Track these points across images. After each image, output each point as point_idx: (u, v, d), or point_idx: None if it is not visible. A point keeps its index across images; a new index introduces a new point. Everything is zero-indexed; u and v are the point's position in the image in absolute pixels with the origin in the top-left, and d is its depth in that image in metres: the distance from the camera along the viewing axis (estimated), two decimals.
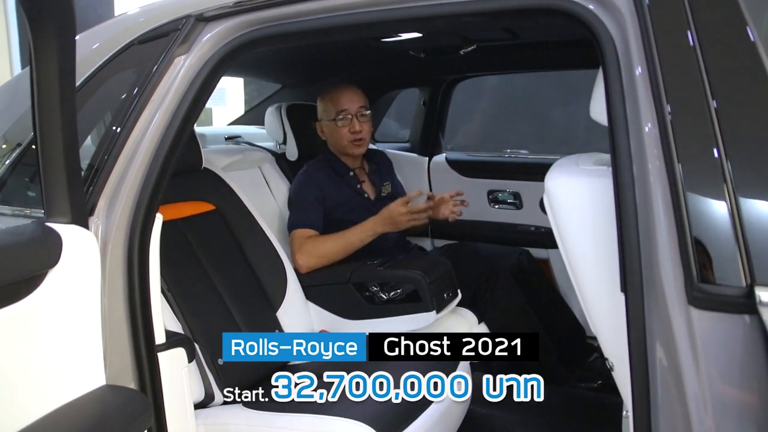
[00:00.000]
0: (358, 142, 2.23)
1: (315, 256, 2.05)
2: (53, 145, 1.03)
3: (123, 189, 1.27)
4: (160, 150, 1.29)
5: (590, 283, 1.09)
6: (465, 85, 3.00)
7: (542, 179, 2.76)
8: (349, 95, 2.23)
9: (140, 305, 1.27)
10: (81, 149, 1.33)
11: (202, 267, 1.77)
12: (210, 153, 2.11)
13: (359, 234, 2.10)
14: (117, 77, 1.39)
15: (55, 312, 1.01)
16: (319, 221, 2.16)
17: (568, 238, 1.10)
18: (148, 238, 1.28)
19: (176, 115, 1.31)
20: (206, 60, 1.30)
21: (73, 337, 1.06)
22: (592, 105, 1.17)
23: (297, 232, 2.12)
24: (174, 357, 1.35)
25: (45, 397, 1.00)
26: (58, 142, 1.01)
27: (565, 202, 1.09)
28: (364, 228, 2.10)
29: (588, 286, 1.09)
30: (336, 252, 2.09)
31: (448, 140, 3.11)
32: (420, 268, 1.96)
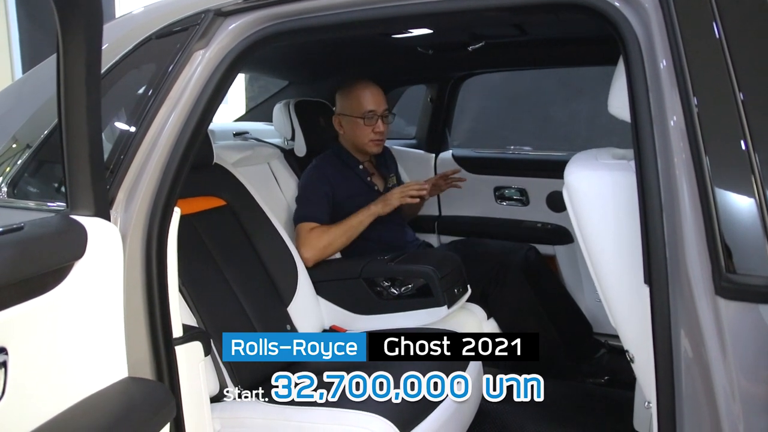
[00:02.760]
0: (378, 142, 2.27)
1: (318, 247, 2.06)
2: (78, 136, 1.03)
3: (142, 182, 1.27)
4: (179, 143, 1.30)
5: (612, 276, 1.09)
6: (468, 82, 3.00)
7: (548, 176, 2.77)
8: (376, 96, 2.26)
9: (158, 298, 1.27)
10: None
11: (214, 262, 1.77)
12: (220, 148, 2.11)
13: (357, 216, 2.14)
14: (135, 72, 1.39)
15: (81, 304, 1.01)
16: (323, 215, 2.17)
17: (589, 232, 1.11)
18: (166, 231, 1.28)
19: (195, 109, 1.31)
20: (225, 54, 1.30)
21: (98, 330, 1.06)
22: (610, 100, 1.17)
23: (301, 225, 2.13)
24: (191, 350, 1.35)
25: (70, 388, 1.00)
26: (83, 134, 1.01)
27: (587, 195, 1.10)
28: (360, 210, 2.14)
29: (609, 278, 1.10)
30: (338, 238, 2.11)
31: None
32: (431, 263, 1.97)
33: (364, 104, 2.24)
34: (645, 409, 1.14)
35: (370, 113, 2.23)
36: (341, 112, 2.31)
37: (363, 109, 2.23)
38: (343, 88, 2.32)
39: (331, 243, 2.10)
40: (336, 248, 2.13)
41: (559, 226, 2.71)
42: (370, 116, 2.23)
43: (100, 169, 1.08)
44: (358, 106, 2.25)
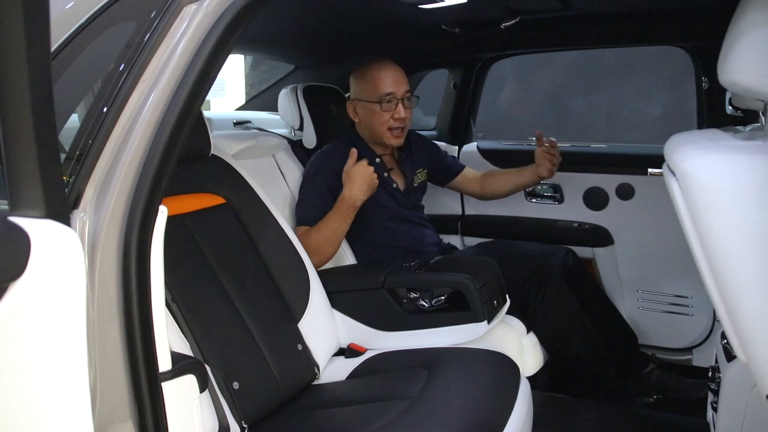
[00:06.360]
0: (398, 132, 1.99)
1: (310, 253, 1.77)
2: (20, 116, 0.74)
3: (117, 174, 0.99)
4: (164, 124, 1.01)
5: (745, 288, 0.81)
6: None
7: (585, 170, 2.49)
8: (396, 77, 1.97)
9: (139, 322, 1.00)
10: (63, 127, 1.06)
11: (211, 271, 1.51)
12: (218, 138, 1.83)
13: (337, 214, 1.84)
14: (109, 32, 1.10)
15: (20, 342, 0.72)
16: (322, 216, 1.89)
17: (716, 233, 0.82)
18: (149, 236, 1.00)
19: (185, 79, 1.02)
20: (225, 8, 1.02)
21: (47, 376, 0.77)
22: (729, 65, 0.89)
23: (296, 230, 1.86)
24: (182, 387, 1.08)
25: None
26: (24, 104, 0.72)
27: (717, 186, 0.81)
28: (341, 206, 1.84)
29: (743, 298, 0.82)
30: (325, 242, 1.83)
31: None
32: (467, 271, 1.69)
33: (381, 87, 1.96)
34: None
35: (389, 96, 1.95)
36: (356, 97, 2.04)
37: (380, 93, 1.95)
38: (357, 69, 2.05)
39: (317, 249, 1.81)
40: (328, 254, 1.85)
41: (597, 226, 2.44)
42: (388, 100, 1.95)
43: (52, 155, 0.79)
44: (375, 89, 1.97)
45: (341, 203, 1.84)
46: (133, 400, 1.00)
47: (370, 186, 1.84)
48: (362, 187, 1.83)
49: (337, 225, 1.84)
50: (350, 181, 1.83)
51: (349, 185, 1.83)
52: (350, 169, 1.85)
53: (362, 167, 1.84)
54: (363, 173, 1.83)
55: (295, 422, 1.42)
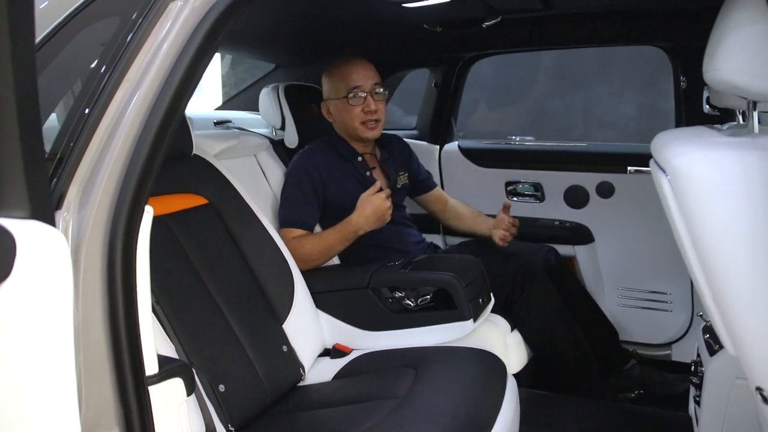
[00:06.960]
0: (371, 124, 1.97)
1: (299, 260, 1.76)
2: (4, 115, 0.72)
3: (101, 174, 0.97)
4: (149, 124, 0.99)
5: (739, 289, 0.82)
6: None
7: (566, 169, 2.51)
8: (362, 70, 1.96)
9: (125, 325, 0.97)
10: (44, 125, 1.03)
11: (195, 272, 1.48)
12: (200, 138, 1.80)
13: (338, 235, 1.85)
14: (91, 30, 1.08)
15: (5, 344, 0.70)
16: (310, 218, 1.90)
17: (706, 227, 0.83)
18: (135, 237, 0.98)
19: (170, 78, 1.00)
20: (212, 5, 1.00)
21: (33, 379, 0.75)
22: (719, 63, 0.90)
23: (282, 232, 1.84)
24: (169, 390, 1.05)
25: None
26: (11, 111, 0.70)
27: (710, 184, 0.82)
28: (344, 229, 1.84)
29: (735, 292, 0.83)
30: (317, 256, 1.85)
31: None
32: (452, 270, 1.69)
33: (348, 81, 1.96)
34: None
35: (356, 90, 1.95)
36: (327, 97, 2.04)
37: (347, 87, 1.96)
38: (326, 70, 2.06)
39: (308, 258, 1.83)
40: (317, 265, 1.86)
41: (578, 224, 2.46)
42: (354, 94, 1.95)
43: (37, 154, 0.77)
44: (342, 85, 1.97)
45: (345, 226, 1.84)
46: (119, 404, 0.98)
47: (379, 220, 1.84)
48: (371, 219, 1.83)
49: (334, 244, 1.85)
50: (362, 209, 1.83)
51: (360, 212, 1.83)
52: (367, 197, 1.84)
53: (378, 199, 1.83)
54: (377, 206, 1.83)
55: (282, 424, 1.40)
